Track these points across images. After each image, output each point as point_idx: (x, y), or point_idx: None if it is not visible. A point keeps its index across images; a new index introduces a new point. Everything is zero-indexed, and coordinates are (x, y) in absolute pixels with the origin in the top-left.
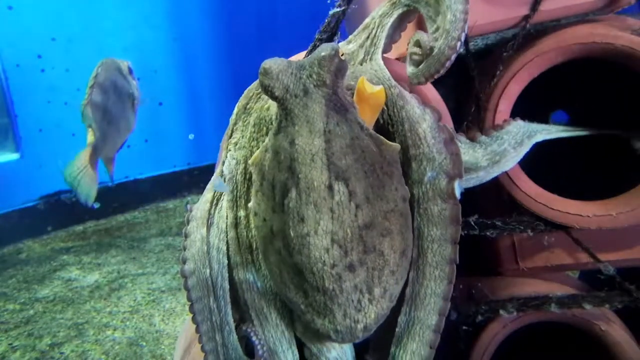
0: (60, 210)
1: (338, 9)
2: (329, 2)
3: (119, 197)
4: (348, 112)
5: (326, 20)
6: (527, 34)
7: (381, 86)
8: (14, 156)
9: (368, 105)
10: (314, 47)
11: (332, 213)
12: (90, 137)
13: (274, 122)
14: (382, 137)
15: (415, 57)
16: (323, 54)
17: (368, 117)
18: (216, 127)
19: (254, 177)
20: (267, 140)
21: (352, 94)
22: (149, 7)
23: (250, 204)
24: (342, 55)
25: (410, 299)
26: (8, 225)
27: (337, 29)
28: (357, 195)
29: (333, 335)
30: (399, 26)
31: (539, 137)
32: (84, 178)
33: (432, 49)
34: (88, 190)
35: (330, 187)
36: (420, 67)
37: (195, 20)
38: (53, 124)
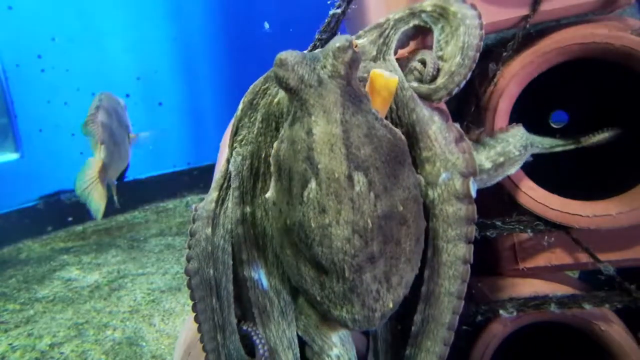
0: (60, 210)
1: (338, 9)
2: (329, 2)
3: (119, 197)
4: (362, 103)
5: (326, 20)
6: (527, 34)
7: (396, 76)
8: (14, 156)
9: (380, 96)
10: (314, 47)
11: (353, 203)
12: (100, 154)
13: (287, 114)
14: (393, 126)
15: (416, 74)
16: (338, 45)
17: (379, 108)
18: (216, 127)
19: (272, 169)
20: (282, 131)
21: (364, 86)
22: (149, 7)
23: (267, 194)
24: (355, 47)
25: (425, 298)
26: (8, 225)
27: (337, 29)
28: (376, 185)
29: (350, 324)
30: (411, 35)
31: (535, 149)
32: (93, 193)
33: (432, 79)
34: (97, 206)
35: (350, 178)
36: (416, 88)
37: (196, 20)
38: (53, 124)
